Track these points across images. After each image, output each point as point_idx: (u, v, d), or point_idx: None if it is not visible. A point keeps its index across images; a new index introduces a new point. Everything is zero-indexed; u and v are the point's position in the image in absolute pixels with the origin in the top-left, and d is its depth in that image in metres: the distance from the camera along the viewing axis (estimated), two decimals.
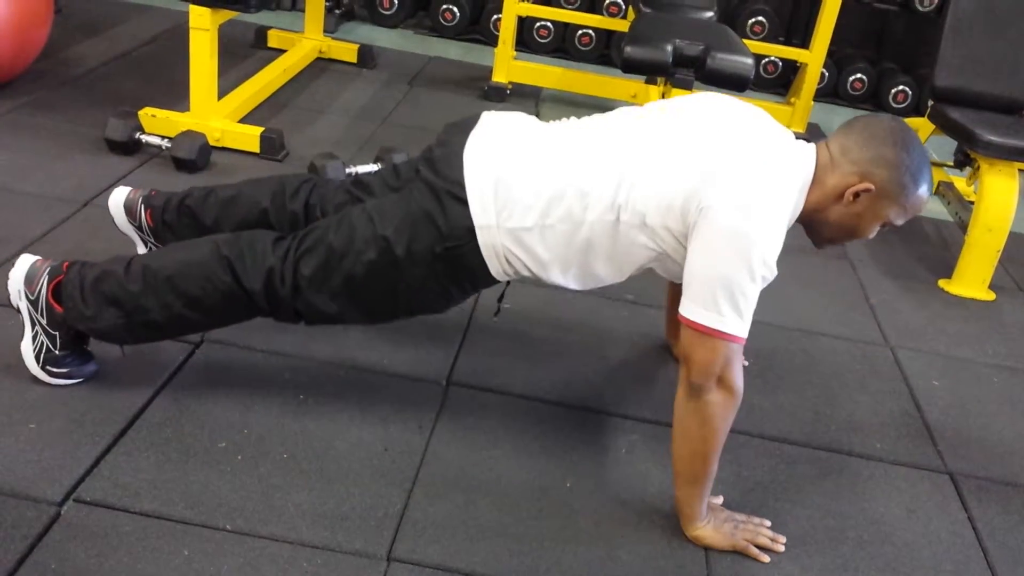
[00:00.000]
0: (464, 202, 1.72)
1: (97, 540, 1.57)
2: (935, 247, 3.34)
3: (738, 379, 1.66)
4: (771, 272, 1.65)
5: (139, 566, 1.53)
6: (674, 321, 2.00)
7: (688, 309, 1.64)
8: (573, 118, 1.89)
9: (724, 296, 1.60)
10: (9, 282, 1.84)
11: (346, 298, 1.82)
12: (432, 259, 1.75)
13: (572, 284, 1.83)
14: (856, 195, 1.71)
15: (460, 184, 1.73)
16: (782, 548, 1.79)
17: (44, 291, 1.82)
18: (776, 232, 1.65)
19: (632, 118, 1.84)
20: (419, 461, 1.87)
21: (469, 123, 1.87)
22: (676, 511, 1.78)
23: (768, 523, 1.83)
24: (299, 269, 1.80)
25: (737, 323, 1.62)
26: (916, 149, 1.71)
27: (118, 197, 2.14)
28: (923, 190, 1.72)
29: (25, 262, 1.85)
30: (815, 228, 1.84)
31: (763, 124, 1.79)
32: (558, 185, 1.71)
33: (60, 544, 1.55)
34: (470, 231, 1.73)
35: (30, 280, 1.83)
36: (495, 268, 1.78)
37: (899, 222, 1.76)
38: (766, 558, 1.76)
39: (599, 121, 1.85)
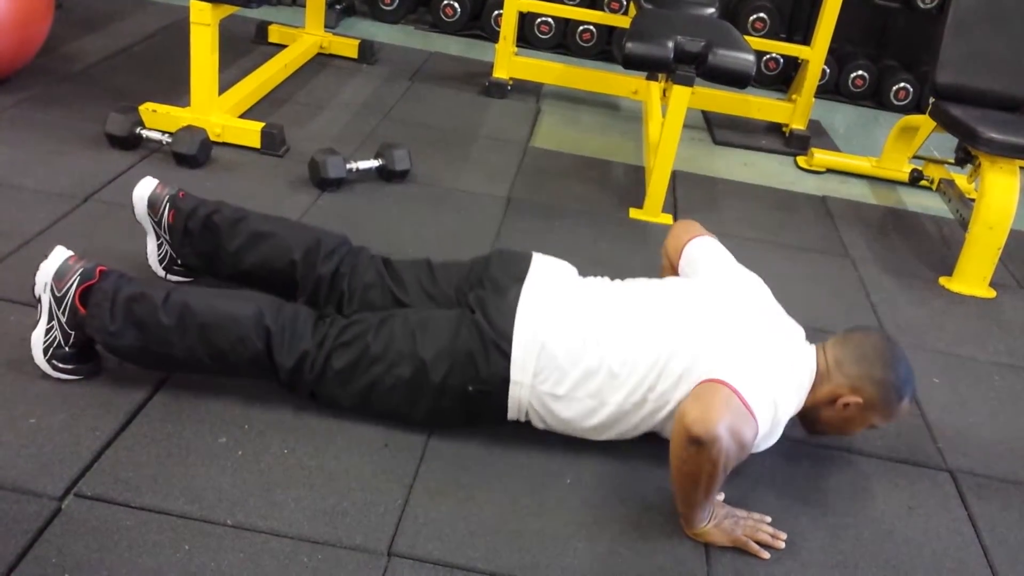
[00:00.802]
0: (507, 357, 1.81)
1: (98, 534, 1.57)
2: (936, 244, 3.34)
3: (746, 432, 1.63)
4: (782, 415, 1.78)
5: (140, 560, 1.53)
6: None
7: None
8: (607, 279, 2.02)
9: (741, 370, 1.70)
10: (38, 272, 1.84)
11: (365, 398, 1.88)
12: (461, 394, 1.84)
13: (583, 435, 1.92)
14: (846, 404, 1.87)
15: (508, 340, 1.81)
16: (782, 544, 1.79)
17: (73, 292, 1.82)
18: (781, 413, 1.78)
19: (668, 295, 1.94)
20: (419, 457, 1.87)
21: (521, 266, 1.97)
22: (677, 511, 1.78)
23: (768, 519, 1.83)
24: (331, 360, 1.85)
25: (748, 390, 1.66)
26: (902, 368, 1.89)
27: (143, 190, 2.14)
28: (905, 403, 1.90)
29: (59, 256, 1.85)
30: (808, 422, 1.98)
31: (784, 324, 1.96)
32: (594, 363, 1.82)
33: (61, 538, 1.55)
34: (504, 381, 1.82)
35: (60, 276, 1.83)
36: (512, 415, 1.89)
37: (882, 426, 1.95)
38: (766, 554, 1.76)
39: (638, 292, 1.96)
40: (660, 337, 1.82)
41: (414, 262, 2.10)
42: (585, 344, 1.82)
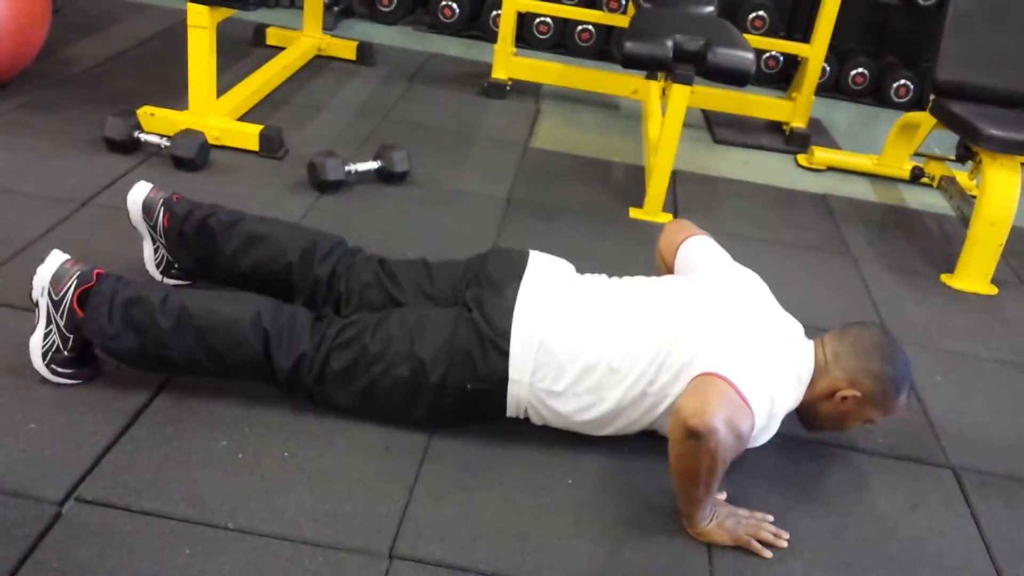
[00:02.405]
0: (505, 355, 1.81)
1: (98, 539, 1.56)
2: (937, 242, 3.33)
3: (742, 424, 1.62)
4: (779, 409, 1.77)
5: (141, 565, 1.53)
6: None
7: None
8: (605, 277, 2.01)
9: (738, 363, 1.70)
10: (36, 277, 1.83)
11: (364, 399, 1.88)
12: (460, 394, 1.84)
13: (583, 430, 1.92)
14: (844, 398, 1.87)
15: (506, 338, 1.81)
16: (785, 544, 1.78)
17: (71, 295, 1.82)
18: (778, 407, 1.77)
19: (666, 291, 1.94)
20: (420, 459, 1.86)
21: (518, 263, 1.97)
22: (679, 509, 1.78)
23: (771, 518, 1.83)
24: (329, 361, 1.84)
25: (746, 383, 1.65)
26: (900, 361, 1.88)
27: (138, 194, 2.14)
28: (903, 397, 1.90)
29: (55, 260, 1.85)
30: (806, 417, 1.97)
31: (781, 318, 1.95)
32: (592, 358, 1.82)
33: (61, 543, 1.55)
34: (503, 380, 1.82)
35: (57, 280, 1.82)
36: (511, 412, 1.90)
37: (879, 420, 1.94)
38: (769, 553, 1.76)
39: (636, 288, 1.96)
40: (658, 332, 1.82)
41: (411, 262, 2.10)
42: (583, 340, 1.82)
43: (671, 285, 1.98)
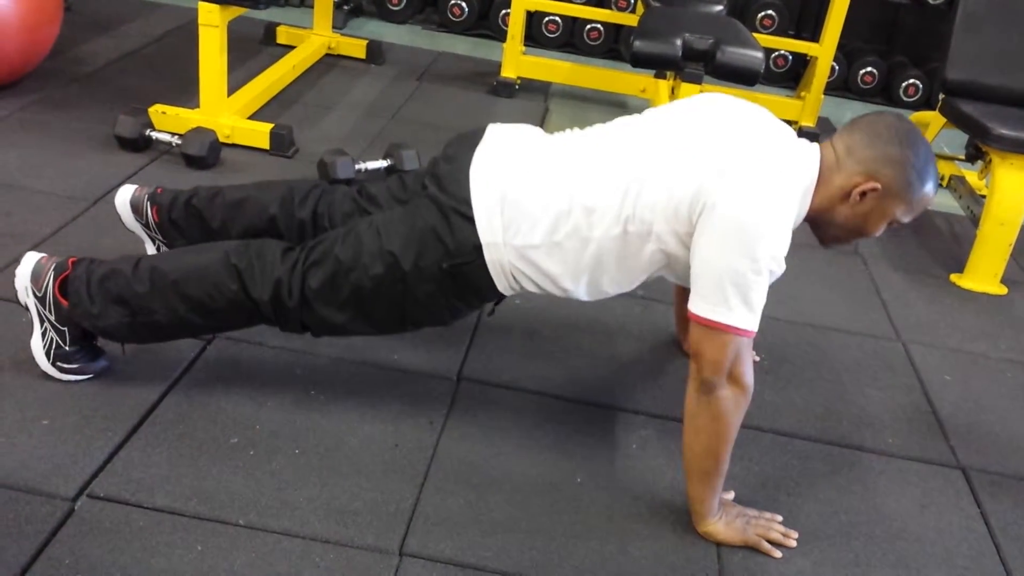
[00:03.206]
0: (471, 220, 1.73)
1: (110, 535, 1.57)
2: (947, 241, 3.33)
3: (748, 374, 1.65)
4: (779, 266, 1.65)
5: (153, 561, 1.54)
6: (683, 316, 1.99)
7: (696, 305, 1.64)
8: (576, 129, 1.89)
9: (732, 290, 1.60)
10: (16, 279, 1.85)
11: (353, 311, 1.83)
12: (439, 275, 1.76)
13: (581, 296, 1.83)
14: (863, 194, 1.71)
15: (467, 202, 1.74)
16: (794, 543, 1.78)
17: (51, 287, 1.83)
18: (782, 229, 1.65)
19: (634, 126, 1.84)
20: (430, 456, 1.87)
21: (475, 137, 1.86)
22: (688, 507, 1.78)
23: (780, 518, 1.83)
24: (307, 281, 1.81)
25: (746, 316, 1.62)
26: (921, 146, 1.70)
27: (124, 195, 2.15)
28: (929, 187, 1.72)
29: (30, 260, 1.86)
30: (822, 227, 1.84)
31: (766, 123, 1.79)
32: (563, 201, 1.72)
33: (74, 539, 1.56)
34: (477, 248, 1.74)
35: (36, 277, 1.84)
36: (502, 284, 1.79)
37: (906, 219, 1.76)
38: (778, 553, 1.76)
39: (601, 131, 1.85)
40: (630, 161, 1.72)
41: (389, 180, 2.04)
42: (550, 186, 1.73)
43: (643, 119, 1.86)
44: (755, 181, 1.64)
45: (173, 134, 2.97)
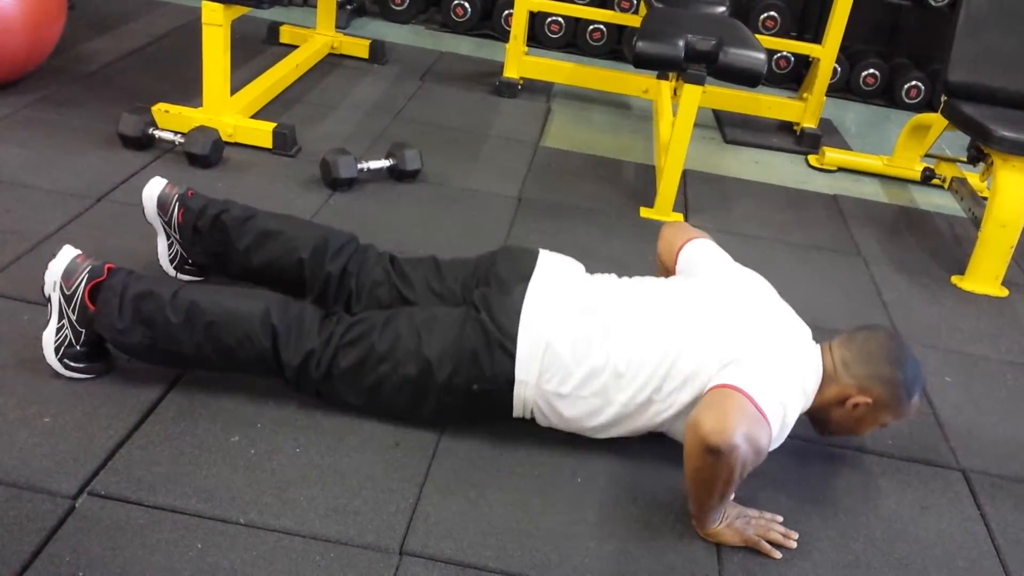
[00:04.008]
0: (512, 356, 1.81)
1: (111, 533, 1.58)
2: (948, 243, 3.33)
3: (761, 437, 1.63)
4: (790, 416, 1.76)
5: (153, 559, 1.54)
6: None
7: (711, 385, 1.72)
8: (614, 277, 2.01)
9: (751, 374, 1.71)
10: (47, 271, 1.85)
11: (370, 397, 1.89)
12: (466, 393, 1.84)
13: (586, 433, 1.92)
14: (855, 405, 1.86)
15: (513, 340, 1.81)
16: (794, 544, 1.79)
17: (82, 289, 1.83)
18: (792, 407, 1.76)
19: (673, 293, 1.94)
20: (431, 456, 1.87)
21: (527, 266, 1.96)
22: (688, 510, 1.78)
23: (780, 519, 1.83)
24: (337, 359, 1.85)
25: (761, 393, 1.66)
26: (909, 366, 1.87)
27: (153, 189, 2.16)
28: (915, 400, 1.89)
29: (67, 255, 1.87)
30: (819, 423, 1.97)
31: (790, 321, 1.94)
32: (599, 362, 1.81)
33: (75, 537, 1.56)
34: (509, 382, 1.83)
35: (69, 274, 1.84)
36: (517, 413, 1.89)
37: (892, 423, 1.93)
38: (778, 554, 1.76)
39: (645, 290, 1.95)
40: (666, 337, 1.82)
41: (421, 259, 2.11)
42: (591, 343, 1.82)
43: (678, 288, 1.97)
44: (775, 380, 1.75)
45: (176, 132, 2.98)
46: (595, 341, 1.82)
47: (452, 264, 2.09)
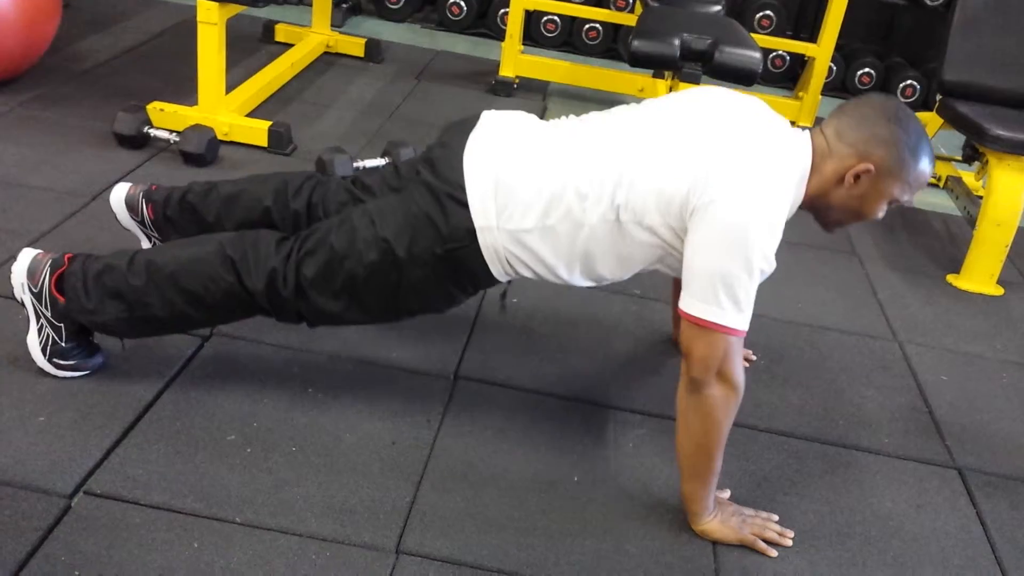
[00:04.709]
0: (464, 204, 1.72)
1: (107, 532, 1.57)
2: (943, 242, 3.33)
3: (739, 373, 1.65)
4: (770, 265, 1.65)
5: (149, 558, 1.54)
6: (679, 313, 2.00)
7: (687, 303, 1.64)
8: (572, 116, 1.89)
9: (723, 289, 1.61)
10: (12, 276, 1.85)
11: (348, 299, 1.82)
12: (433, 260, 1.76)
13: (577, 281, 1.83)
14: (856, 177, 1.70)
15: (460, 186, 1.73)
16: (790, 542, 1.79)
17: (47, 283, 1.83)
18: (775, 225, 1.65)
19: (629, 115, 1.84)
20: (427, 454, 1.87)
21: (469, 123, 1.86)
22: (683, 506, 1.79)
23: (776, 517, 1.83)
24: (301, 270, 1.80)
25: (736, 316, 1.62)
26: (911, 123, 1.70)
27: (119, 193, 2.15)
28: (924, 163, 1.70)
29: (26, 256, 1.86)
30: (821, 213, 1.82)
31: (759, 116, 1.78)
32: (557, 186, 1.71)
33: (70, 536, 1.56)
34: (470, 233, 1.73)
35: (32, 273, 1.84)
36: (496, 269, 1.78)
37: (905, 198, 1.74)
38: (774, 552, 1.76)
39: (597, 119, 1.85)
40: (622, 153, 1.72)
41: (383, 167, 2.05)
42: (544, 170, 1.72)
43: (641, 108, 1.87)
44: (747, 180, 1.64)
45: (171, 131, 2.97)
46: (548, 167, 1.73)
47: (410, 160, 2.03)
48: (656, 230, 1.70)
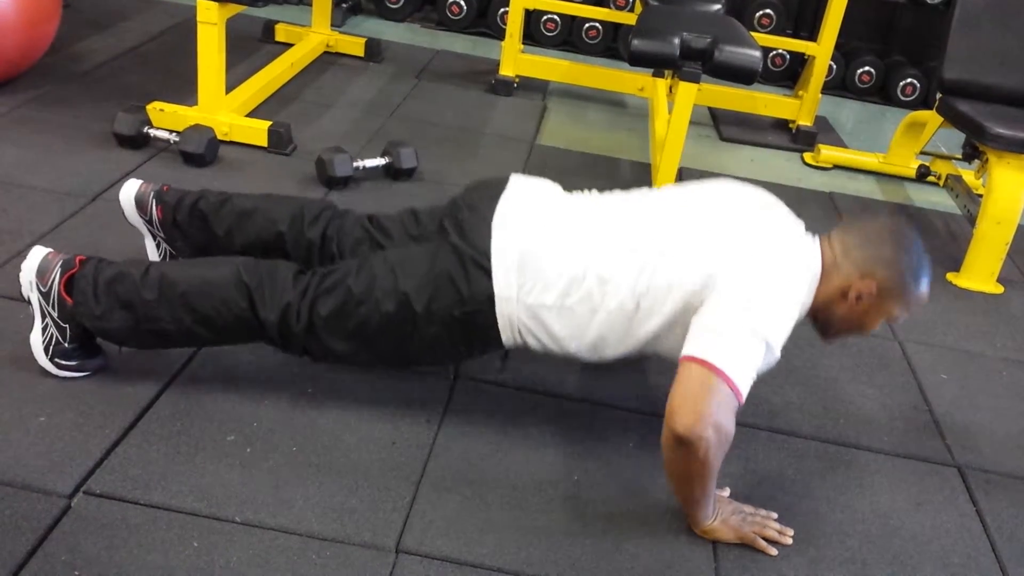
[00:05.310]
0: (488, 273, 1.76)
1: (107, 532, 1.58)
2: (943, 240, 3.33)
3: (731, 423, 1.61)
4: (776, 347, 1.67)
5: (149, 558, 1.54)
6: None
7: (689, 348, 1.64)
8: (595, 192, 1.94)
9: (726, 343, 1.62)
10: (21, 273, 1.85)
11: (358, 343, 1.85)
12: (449, 320, 1.79)
13: (583, 356, 1.86)
14: (859, 296, 1.77)
15: (486, 254, 1.77)
16: (790, 541, 1.79)
17: (57, 284, 1.83)
18: (788, 312, 1.70)
19: (653, 201, 1.89)
20: (427, 454, 1.87)
21: (497, 187, 1.90)
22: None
23: (776, 516, 1.83)
24: (316, 308, 1.82)
25: (739, 372, 1.60)
26: (914, 247, 1.77)
27: (129, 190, 2.15)
28: (924, 286, 1.77)
29: (37, 254, 1.86)
30: (822, 323, 1.88)
31: (778, 217, 1.84)
32: (579, 269, 1.76)
33: (70, 536, 1.56)
34: (490, 300, 1.77)
35: (42, 272, 1.84)
36: (507, 336, 1.82)
37: (903, 317, 1.81)
38: (774, 551, 1.76)
39: (621, 202, 1.90)
40: (646, 238, 1.77)
41: (400, 211, 2.06)
42: (569, 250, 1.77)
43: (662, 194, 1.90)
44: (765, 280, 1.68)
45: (171, 131, 2.97)
46: (572, 248, 1.76)
47: (430, 209, 2.04)
48: (670, 317, 1.74)
